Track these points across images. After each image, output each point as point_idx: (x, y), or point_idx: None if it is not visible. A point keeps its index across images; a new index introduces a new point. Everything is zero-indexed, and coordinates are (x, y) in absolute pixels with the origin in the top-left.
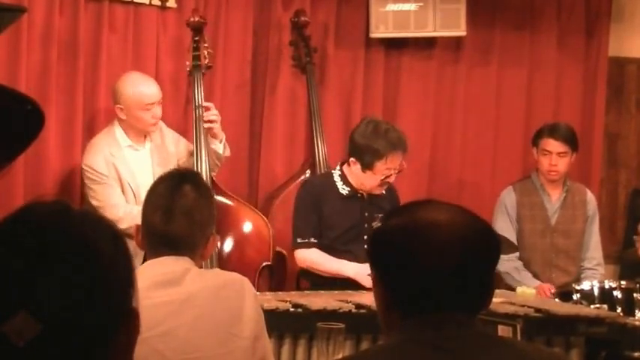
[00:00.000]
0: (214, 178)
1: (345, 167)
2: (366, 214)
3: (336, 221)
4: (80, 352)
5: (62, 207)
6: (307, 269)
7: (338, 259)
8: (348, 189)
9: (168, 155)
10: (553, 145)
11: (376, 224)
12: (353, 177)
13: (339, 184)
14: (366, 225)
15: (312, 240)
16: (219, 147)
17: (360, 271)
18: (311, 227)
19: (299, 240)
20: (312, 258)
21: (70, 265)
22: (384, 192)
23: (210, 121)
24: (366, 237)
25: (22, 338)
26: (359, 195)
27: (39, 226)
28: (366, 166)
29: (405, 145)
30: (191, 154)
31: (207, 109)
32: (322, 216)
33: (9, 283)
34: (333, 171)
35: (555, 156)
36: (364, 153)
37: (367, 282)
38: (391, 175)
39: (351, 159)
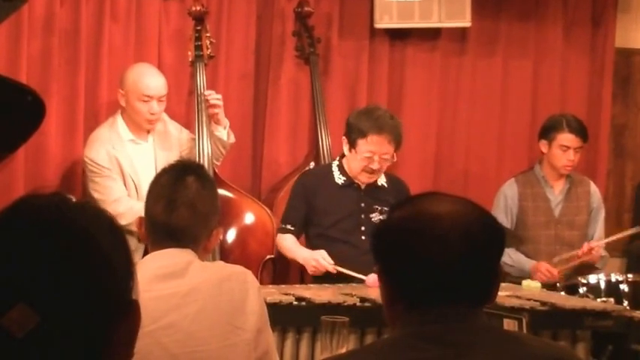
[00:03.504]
0: (217, 171)
1: (343, 159)
2: (363, 204)
3: (329, 210)
4: (79, 343)
5: (60, 199)
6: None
7: (299, 246)
8: (344, 179)
9: (172, 144)
10: (573, 140)
11: (374, 215)
12: (346, 162)
13: (336, 173)
14: (362, 216)
15: (289, 227)
16: (224, 133)
17: (306, 257)
18: (292, 216)
19: (281, 225)
20: (281, 243)
21: (67, 258)
22: (384, 184)
23: (214, 106)
24: (363, 228)
25: (21, 329)
26: (355, 185)
27: (36, 218)
28: (352, 145)
29: (396, 135)
30: (194, 144)
31: (210, 94)
32: (316, 206)
33: (7, 276)
34: (332, 162)
35: (573, 151)
36: (351, 131)
37: (309, 269)
38: (374, 161)
39: (343, 138)
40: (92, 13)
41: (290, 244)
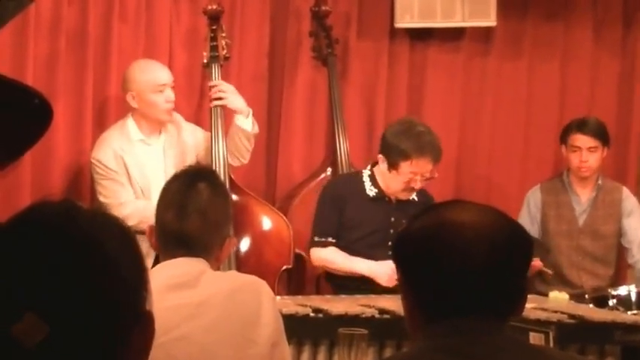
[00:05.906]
0: (233, 176)
1: (375, 168)
2: (393, 219)
3: (358, 223)
4: (90, 354)
5: (69, 207)
6: (326, 269)
7: (354, 257)
8: (376, 191)
9: (185, 149)
10: (582, 140)
11: None
12: (380, 177)
13: (367, 184)
14: (391, 230)
15: (330, 239)
16: (247, 123)
17: (374, 269)
18: (330, 226)
19: (316, 238)
20: (327, 256)
21: (76, 267)
22: (415, 198)
23: (217, 99)
24: (390, 243)
25: (31, 340)
26: (387, 199)
27: (45, 227)
28: (392, 166)
29: (437, 152)
30: (210, 143)
31: (215, 85)
32: (344, 216)
33: (16, 285)
34: (363, 170)
35: (585, 151)
36: (391, 151)
37: (383, 280)
38: (416, 180)
39: (380, 155)
40: (100, 13)
41: (342, 258)
